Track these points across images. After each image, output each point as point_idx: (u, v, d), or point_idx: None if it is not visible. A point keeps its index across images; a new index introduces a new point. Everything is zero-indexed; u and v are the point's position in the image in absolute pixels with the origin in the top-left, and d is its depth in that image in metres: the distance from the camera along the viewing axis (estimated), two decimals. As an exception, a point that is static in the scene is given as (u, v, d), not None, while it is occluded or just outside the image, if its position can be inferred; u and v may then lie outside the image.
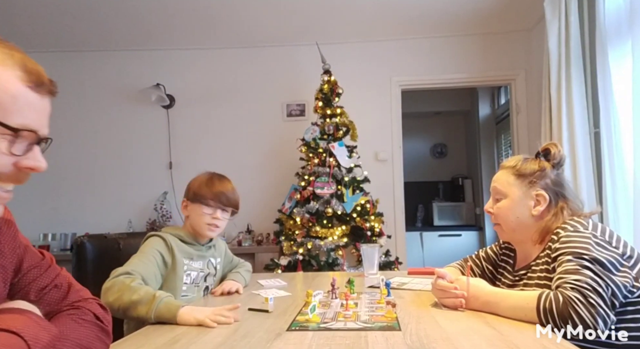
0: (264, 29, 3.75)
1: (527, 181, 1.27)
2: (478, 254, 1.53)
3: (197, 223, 1.61)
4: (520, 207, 1.27)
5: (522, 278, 1.28)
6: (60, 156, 4.02)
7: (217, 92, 4.06)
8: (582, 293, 0.96)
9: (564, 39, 2.73)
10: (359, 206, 3.24)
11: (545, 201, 1.25)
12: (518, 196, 1.27)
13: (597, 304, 0.95)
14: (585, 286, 0.97)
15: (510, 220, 1.28)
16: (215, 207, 1.61)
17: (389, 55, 3.96)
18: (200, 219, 1.60)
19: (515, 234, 1.30)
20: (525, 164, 1.30)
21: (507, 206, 1.28)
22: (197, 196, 1.61)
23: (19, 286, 0.77)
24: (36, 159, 0.70)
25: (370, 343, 0.90)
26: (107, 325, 0.82)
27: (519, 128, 3.86)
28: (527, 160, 1.31)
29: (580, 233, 1.11)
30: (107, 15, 3.45)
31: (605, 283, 0.98)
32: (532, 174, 1.27)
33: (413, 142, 5.85)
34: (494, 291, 1.16)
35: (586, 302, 0.95)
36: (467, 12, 3.51)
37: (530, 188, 1.26)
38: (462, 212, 5.48)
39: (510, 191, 1.28)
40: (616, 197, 2.32)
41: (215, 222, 1.61)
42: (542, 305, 0.99)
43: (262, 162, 3.98)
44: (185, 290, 1.52)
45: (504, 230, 1.32)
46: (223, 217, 1.65)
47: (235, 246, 3.61)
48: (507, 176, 1.30)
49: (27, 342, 0.60)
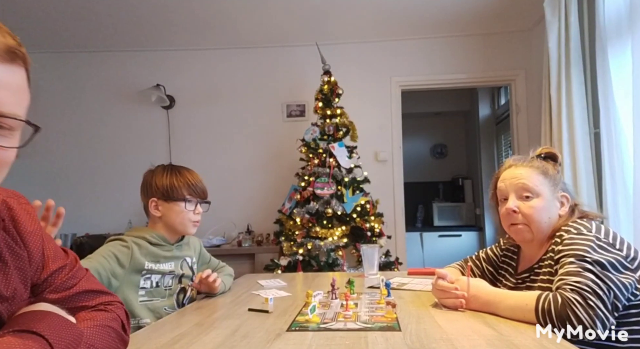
0: (264, 29, 3.75)
1: (552, 182, 1.26)
2: (478, 254, 1.52)
3: (179, 222, 1.51)
4: (552, 207, 1.24)
5: (525, 280, 1.27)
6: (60, 156, 4.02)
7: (217, 93, 4.06)
8: (581, 294, 0.96)
9: (564, 39, 2.73)
10: (359, 206, 3.24)
11: (569, 202, 1.25)
12: (549, 196, 1.24)
13: (595, 306, 0.94)
14: (584, 287, 0.97)
15: (543, 221, 1.23)
16: (193, 202, 1.53)
17: (389, 56, 3.96)
18: (182, 217, 1.50)
19: (539, 235, 1.24)
20: (547, 166, 1.28)
21: (541, 206, 1.23)
22: (172, 193, 1.50)
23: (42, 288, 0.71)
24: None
25: (370, 344, 0.90)
26: (128, 333, 0.79)
27: (519, 128, 3.86)
28: (541, 161, 1.30)
29: (584, 235, 1.11)
30: (107, 15, 3.45)
31: (607, 286, 0.98)
32: (554, 176, 1.27)
33: (413, 142, 5.85)
34: (494, 291, 1.15)
35: (585, 304, 0.95)
36: (467, 12, 3.51)
37: (555, 189, 1.25)
38: (462, 213, 5.48)
39: (542, 190, 1.24)
40: (616, 197, 2.32)
41: (198, 217, 1.54)
42: (540, 306, 0.99)
43: (262, 163, 3.98)
44: (144, 295, 1.42)
45: (531, 231, 1.24)
46: (202, 211, 1.57)
47: (235, 247, 3.61)
48: (535, 175, 1.25)
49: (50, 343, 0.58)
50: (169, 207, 1.51)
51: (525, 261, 1.33)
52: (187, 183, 1.52)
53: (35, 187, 3.83)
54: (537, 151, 1.36)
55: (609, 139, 2.35)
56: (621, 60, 2.32)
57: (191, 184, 1.52)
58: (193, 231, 1.54)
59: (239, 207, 3.91)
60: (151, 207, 1.52)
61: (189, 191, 1.51)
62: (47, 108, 4.05)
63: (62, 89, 4.09)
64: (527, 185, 1.24)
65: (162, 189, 1.50)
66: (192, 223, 1.53)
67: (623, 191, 2.29)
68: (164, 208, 1.51)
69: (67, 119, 4.05)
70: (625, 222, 2.27)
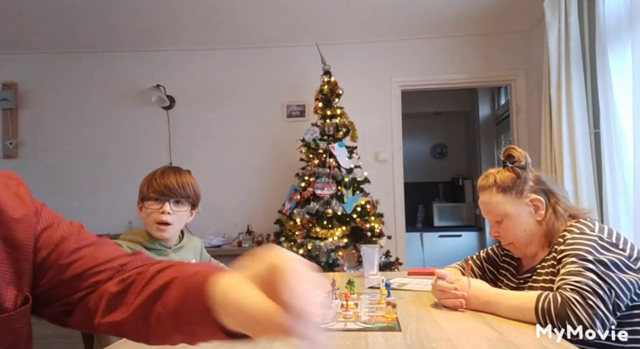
0: (264, 29, 3.75)
1: (514, 192, 1.25)
2: (479, 255, 1.52)
3: (146, 224, 1.41)
4: (524, 218, 1.24)
5: (527, 280, 1.27)
6: (60, 157, 4.02)
7: (217, 93, 4.06)
8: (581, 294, 0.96)
9: (564, 40, 2.73)
10: (359, 206, 3.24)
11: (542, 203, 1.24)
12: (516, 210, 1.24)
13: (595, 305, 0.94)
14: (584, 287, 0.97)
15: (520, 236, 1.25)
16: (160, 200, 1.39)
17: (389, 56, 3.96)
18: (148, 218, 1.40)
19: (529, 247, 1.26)
20: (502, 177, 1.27)
21: (511, 224, 1.25)
22: (141, 193, 1.43)
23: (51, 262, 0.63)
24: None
25: (371, 344, 0.90)
26: None
27: (519, 128, 3.86)
28: (499, 172, 1.29)
29: (587, 235, 1.11)
30: (107, 16, 3.45)
31: (608, 285, 0.97)
32: (513, 184, 1.25)
33: (413, 142, 5.85)
34: (494, 291, 1.16)
35: (585, 303, 0.94)
36: (467, 12, 3.51)
37: (520, 197, 1.25)
38: (462, 213, 5.48)
39: (505, 209, 1.25)
40: (616, 197, 2.32)
41: (163, 218, 1.38)
42: (540, 306, 0.99)
43: (262, 163, 3.98)
44: None
45: (517, 247, 1.29)
46: (175, 210, 1.41)
47: (236, 247, 3.61)
48: (493, 196, 1.27)
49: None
50: (142, 208, 1.44)
51: (527, 262, 1.33)
52: (150, 180, 1.41)
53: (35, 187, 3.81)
54: (501, 153, 1.33)
55: (609, 139, 2.35)
56: (621, 60, 2.32)
57: (154, 180, 1.40)
58: (159, 234, 1.41)
59: (239, 208, 3.91)
60: (138, 209, 1.47)
61: (151, 188, 1.40)
62: (48, 108, 4.05)
63: (62, 89, 4.09)
64: (493, 211, 1.28)
65: (139, 189, 1.46)
66: (155, 225, 1.39)
67: (623, 191, 2.29)
68: (142, 209, 1.45)
69: (67, 119, 4.05)
70: (625, 222, 2.27)
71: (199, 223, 3.82)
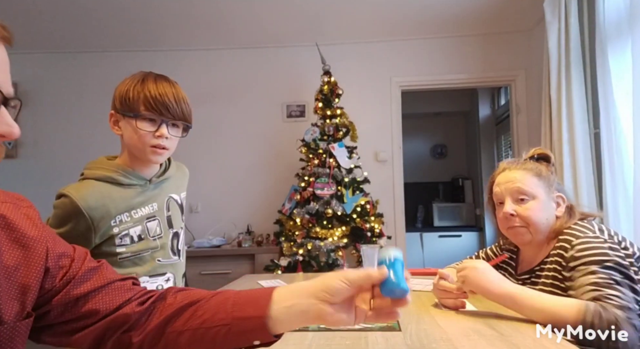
0: (263, 29, 3.75)
1: (547, 183, 1.26)
2: (478, 255, 1.52)
3: (133, 144, 1.15)
4: (548, 208, 1.25)
5: (526, 282, 1.27)
6: (60, 157, 4.02)
7: (217, 93, 4.06)
8: (624, 312, 0.97)
9: (564, 40, 2.73)
10: (359, 206, 3.24)
11: (565, 202, 1.26)
12: (545, 198, 1.25)
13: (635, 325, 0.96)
14: (625, 305, 0.98)
15: (541, 222, 1.23)
16: (157, 121, 1.14)
17: (389, 56, 3.96)
18: (138, 138, 1.14)
19: (538, 236, 1.24)
20: (540, 167, 1.29)
21: (538, 207, 1.23)
22: (126, 105, 1.14)
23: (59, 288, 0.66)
24: (5, 123, 0.56)
25: (371, 344, 0.90)
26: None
27: (519, 129, 3.86)
28: (534, 163, 1.31)
29: (592, 238, 1.11)
30: (106, 16, 3.45)
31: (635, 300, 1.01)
32: (548, 176, 1.27)
33: (413, 142, 5.85)
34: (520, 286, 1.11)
35: (629, 324, 0.95)
36: (467, 12, 3.51)
37: (550, 190, 1.26)
38: (462, 213, 5.48)
39: (538, 192, 1.24)
40: (616, 197, 2.32)
41: (161, 142, 1.14)
42: (589, 320, 0.96)
43: (262, 163, 3.98)
44: (130, 257, 1.15)
45: (530, 232, 1.24)
46: (172, 134, 1.17)
47: (235, 247, 3.61)
48: (529, 177, 1.26)
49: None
50: (125, 124, 1.17)
51: (524, 262, 1.33)
52: (145, 94, 1.13)
53: (35, 187, 3.82)
54: (530, 152, 1.37)
55: (609, 139, 2.35)
56: (621, 60, 2.32)
57: (151, 96, 1.13)
58: (155, 159, 1.17)
59: (239, 208, 3.91)
60: (110, 123, 1.21)
61: (146, 104, 1.13)
62: (47, 108, 4.05)
63: (62, 89, 4.09)
64: (522, 188, 1.24)
65: (119, 99, 1.17)
66: (150, 149, 1.14)
67: (623, 191, 2.29)
68: (122, 125, 1.18)
69: (67, 119, 4.05)
70: (625, 222, 2.27)
71: (199, 223, 3.83)
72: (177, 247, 1.30)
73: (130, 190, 1.18)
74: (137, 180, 1.19)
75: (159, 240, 1.22)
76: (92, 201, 1.10)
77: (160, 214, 1.24)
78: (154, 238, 1.21)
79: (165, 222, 1.26)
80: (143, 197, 1.20)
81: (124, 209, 1.15)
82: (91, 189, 1.12)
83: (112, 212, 1.13)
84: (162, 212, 1.25)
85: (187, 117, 1.20)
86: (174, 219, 1.29)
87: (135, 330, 0.70)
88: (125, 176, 1.17)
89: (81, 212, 1.08)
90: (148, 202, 1.21)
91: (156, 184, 1.25)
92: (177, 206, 1.31)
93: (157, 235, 1.22)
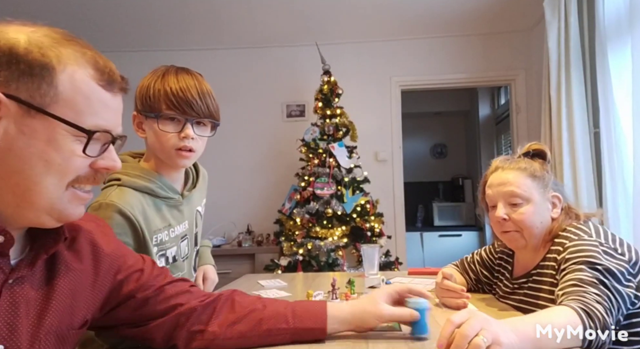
0: (263, 29, 3.75)
1: (542, 183, 1.20)
2: (473, 258, 1.47)
3: (159, 148, 1.03)
4: (543, 211, 1.19)
5: (522, 286, 1.23)
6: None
7: (217, 93, 3.98)
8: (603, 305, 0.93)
9: (564, 39, 2.73)
10: (359, 206, 3.24)
11: (561, 202, 1.21)
12: (539, 200, 1.19)
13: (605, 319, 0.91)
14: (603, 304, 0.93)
15: (535, 226, 1.18)
16: (181, 120, 1.02)
17: (389, 55, 3.96)
18: (162, 141, 1.02)
19: (532, 241, 1.20)
20: (534, 166, 1.22)
21: (532, 211, 1.18)
22: (147, 104, 1.02)
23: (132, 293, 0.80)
24: (111, 158, 0.68)
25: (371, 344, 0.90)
26: None
27: (519, 128, 3.87)
28: (527, 162, 1.24)
29: (586, 241, 1.07)
30: (107, 16, 3.45)
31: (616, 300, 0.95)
32: (542, 175, 1.21)
33: (413, 142, 5.85)
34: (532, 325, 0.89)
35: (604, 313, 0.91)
36: (467, 12, 3.51)
37: (545, 191, 1.20)
38: (462, 213, 5.48)
39: (532, 194, 1.18)
40: (616, 197, 2.32)
41: (187, 143, 1.02)
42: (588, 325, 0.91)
43: (262, 163, 3.98)
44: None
45: (524, 237, 1.19)
46: (199, 134, 1.05)
47: (235, 247, 3.61)
48: (523, 178, 1.20)
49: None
50: (149, 126, 1.04)
51: (520, 266, 1.29)
52: (166, 91, 1.01)
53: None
54: (525, 148, 1.29)
55: (609, 139, 2.35)
56: (621, 60, 2.32)
57: (172, 92, 1.01)
58: (182, 163, 1.06)
59: (239, 208, 3.91)
60: (134, 125, 1.07)
61: (167, 102, 1.01)
62: (47, 108, 4.05)
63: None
64: (516, 191, 1.18)
65: (140, 98, 1.05)
66: (175, 152, 1.02)
67: (623, 191, 2.29)
68: (147, 126, 1.05)
69: (67, 119, 4.05)
70: (625, 222, 2.27)
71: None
72: (196, 264, 1.21)
73: (165, 206, 1.06)
74: (172, 193, 1.07)
75: (186, 261, 1.13)
76: (138, 213, 0.98)
77: (190, 233, 1.14)
78: (182, 259, 1.11)
79: (192, 241, 1.16)
80: (177, 213, 1.10)
81: (163, 226, 1.04)
82: (136, 201, 1.00)
83: (153, 228, 1.02)
84: (192, 230, 1.15)
85: (214, 113, 1.09)
86: (199, 235, 1.20)
87: (200, 324, 0.83)
88: (162, 187, 1.05)
89: (134, 226, 0.97)
90: (182, 220, 1.11)
91: (188, 201, 1.13)
92: (201, 218, 1.22)
93: (185, 256, 1.12)
